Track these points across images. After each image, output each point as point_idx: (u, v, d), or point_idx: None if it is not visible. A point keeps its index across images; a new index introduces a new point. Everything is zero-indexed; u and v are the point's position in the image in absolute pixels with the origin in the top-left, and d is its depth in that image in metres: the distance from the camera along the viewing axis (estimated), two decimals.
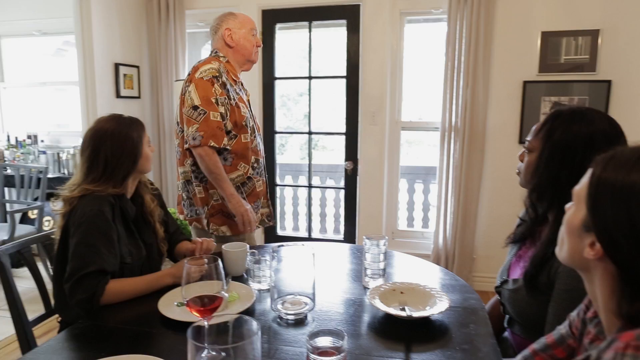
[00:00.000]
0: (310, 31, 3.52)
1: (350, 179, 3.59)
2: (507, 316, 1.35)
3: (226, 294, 1.33)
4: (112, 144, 1.45)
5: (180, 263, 1.50)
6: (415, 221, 4.58)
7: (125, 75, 3.57)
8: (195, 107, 1.90)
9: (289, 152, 7.25)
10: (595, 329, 0.78)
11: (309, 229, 4.07)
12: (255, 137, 2.10)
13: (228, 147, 1.96)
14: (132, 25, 3.66)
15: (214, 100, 1.91)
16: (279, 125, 6.65)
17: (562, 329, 0.88)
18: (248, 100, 2.15)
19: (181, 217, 2.27)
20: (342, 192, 3.71)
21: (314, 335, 0.93)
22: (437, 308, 1.25)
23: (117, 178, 1.47)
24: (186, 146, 1.95)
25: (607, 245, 0.67)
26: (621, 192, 0.66)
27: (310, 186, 3.95)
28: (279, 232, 4.19)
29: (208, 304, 1.03)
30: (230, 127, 1.98)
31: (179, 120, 2.04)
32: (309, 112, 3.71)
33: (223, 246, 1.59)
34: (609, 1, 2.96)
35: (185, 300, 1.03)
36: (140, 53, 3.77)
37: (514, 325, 1.31)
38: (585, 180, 0.72)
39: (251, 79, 3.67)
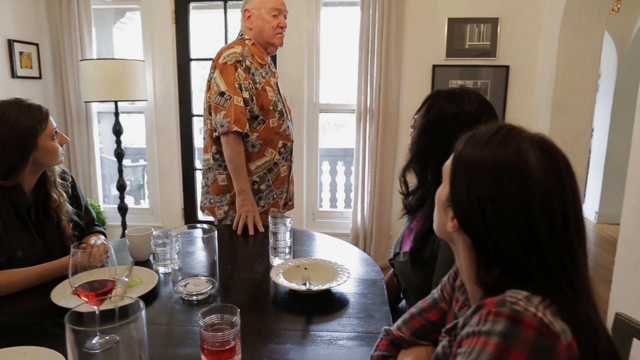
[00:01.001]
0: (225, 11, 3.43)
1: None
2: (403, 287, 1.44)
3: (126, 279, 1.31)
4: None
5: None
6: (338, 202, 4.70)
7: (21, 53, 3.27)
8: (222, 94, 1.87)
9: None
10: (463, 296, 0.84)
11: None
12: (284, 121, 2.03)
13: (249, 133, 1.90)
14: None
15: (237, 86, 1.87)
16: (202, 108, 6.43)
17: (435, 293, 0.95)
18: (276, 83, 2.07)
19: None
20: None
21: (207, 312, 0.94)
22: (337, 281, 1.32)
23: (1, 170, 1.34)
24: (215, 134, 1.89)
25: (460, 217, 0.72)
26: (472, 168, 0.70)
27: None
28: (202, 217, 4.11)
29: (99, 288, 1.00)
30: (257, 112, 1.93)
31: (206, 107, 1.98)
32: None
33: (126, 231, 1.54)
34: None
35: (74, 287, 1.00)
36: (39, 29, 3.46)
37: (408, 295, 1.40)
38: (451, 157, 0.78)
39: (164, 61, 3.53)
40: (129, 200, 4.64)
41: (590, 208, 4.90)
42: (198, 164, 3.99)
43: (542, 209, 0.65)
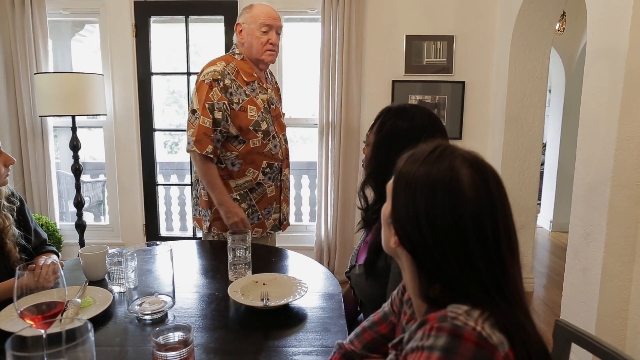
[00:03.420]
0: (187, 26, 3.43)
1: None
2: (360, 299, 1.46)
3: (78, 300, 1.27)
4: None
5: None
6: (303, 215, 4.71)
7: None
8: (193, 111, 1.88)
9: (183, 149, 6.98)
10: (410, 310, 0.86)
11: (194, 229, 3.97)
12: (269, 140, 1.95)
13: (211, 156, 1.85)
14: None
15: (208, 106, 1.83)
16: (171, 122, 6.34)
17: (386, 306, 0.98)
18: (267, 100, 1.97)
19: None
20: None
21: (159, 332, 0.94)
22: (295, 296, 1.33)
23: None
24: (186, 149, 1.90)
25: (400, 233, 0.74)
26: (410, 184, 0.73)
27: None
28: (165, 232, 4.04)
29: (46, 311, 0.98)
30: (235, 132, 1.88)
31: None
32: None
33: (80, 250, 1.50)
34: (460, 11, 3.33)
35: (19, 310, 0.97)
36: None
37: (365, 308, 1.42)
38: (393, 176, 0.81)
39: (125, 74, 3.48)
40: (88, 217, 4.50)
41: (545, 217, 5.10)
42: (160, 179, 3.92)
43: (473, 223, 0.68)
